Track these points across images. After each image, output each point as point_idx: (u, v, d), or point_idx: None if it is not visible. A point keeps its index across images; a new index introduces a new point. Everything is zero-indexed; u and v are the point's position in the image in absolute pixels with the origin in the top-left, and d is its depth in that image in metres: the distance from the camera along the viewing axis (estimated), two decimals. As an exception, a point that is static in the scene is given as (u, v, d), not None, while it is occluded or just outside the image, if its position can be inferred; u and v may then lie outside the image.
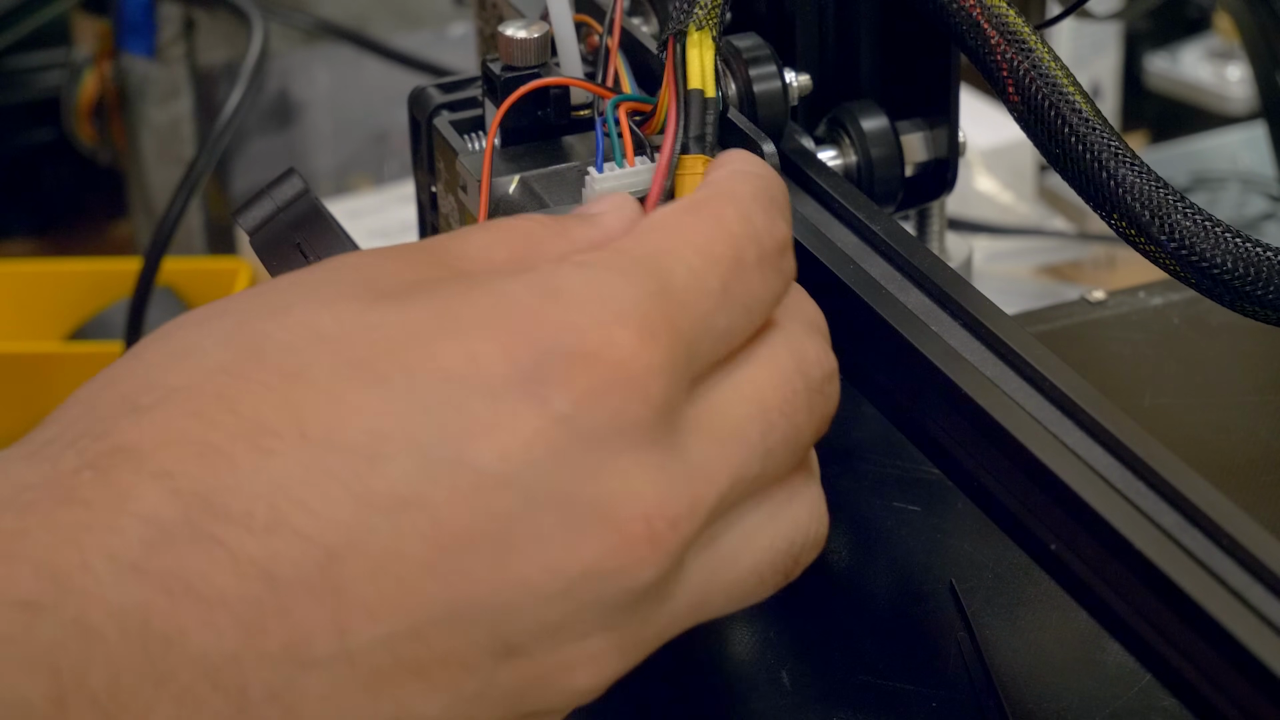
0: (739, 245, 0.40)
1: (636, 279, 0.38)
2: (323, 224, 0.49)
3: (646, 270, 0.38)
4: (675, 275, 0.39)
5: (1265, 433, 0.58)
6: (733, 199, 0.41)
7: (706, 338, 0.39)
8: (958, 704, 0.48)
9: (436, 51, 1.11)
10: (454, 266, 0.40)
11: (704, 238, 0.40)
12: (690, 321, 0.39)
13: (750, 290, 0.40)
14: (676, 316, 0.38)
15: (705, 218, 0.40)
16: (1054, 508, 0.41)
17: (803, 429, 0.41)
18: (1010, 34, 0.48)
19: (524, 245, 0.41)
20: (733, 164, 0.43)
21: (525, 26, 0.51)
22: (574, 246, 0.41)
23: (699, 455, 0.38)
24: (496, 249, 0.40)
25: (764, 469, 0.40)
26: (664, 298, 0.38)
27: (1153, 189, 0.46)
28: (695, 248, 0.39)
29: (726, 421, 0.39)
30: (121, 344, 0.87)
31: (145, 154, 1.11)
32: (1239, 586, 0.38)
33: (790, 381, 0.41)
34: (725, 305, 0.39)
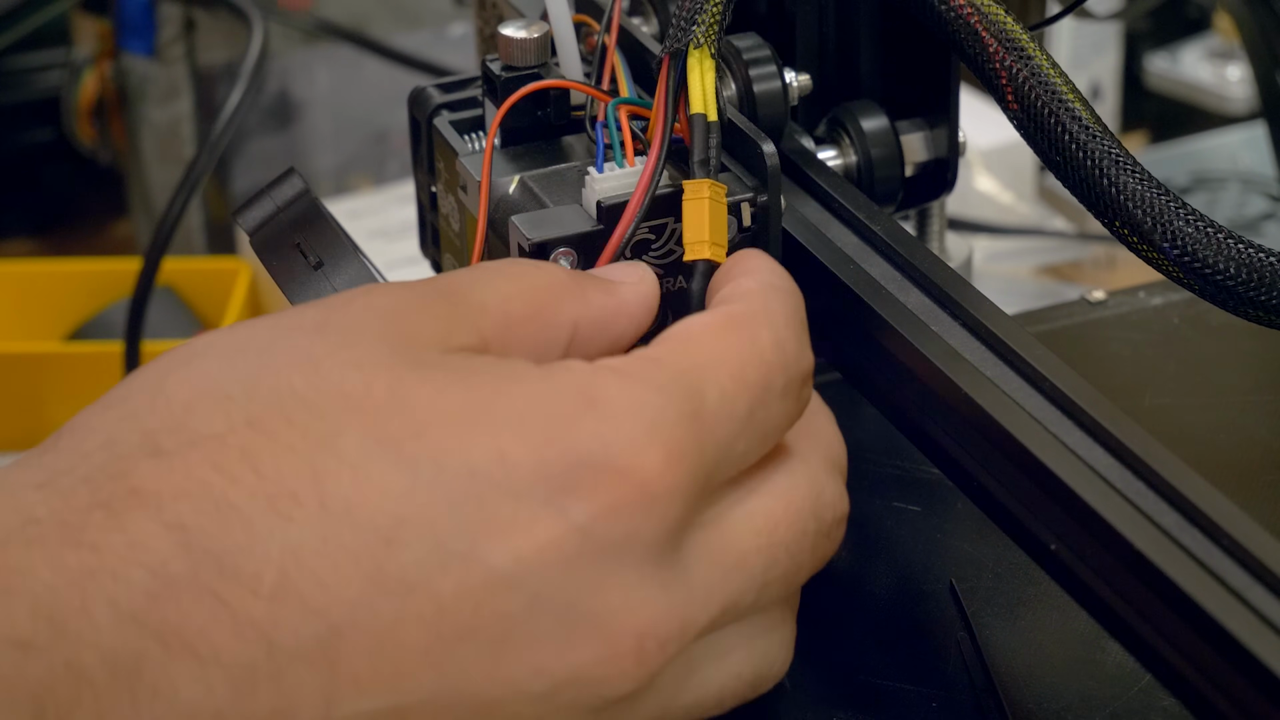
0: (770, 373, 0.40)
1: (673, 398, 0.38)
2: (322, 224, 0.49)
3: (682, 390, 0.39)
4: (708, 397, 0.39)
5: (1265, 433, 0.58)
6: (769, 321, 0.41)
7: (726, 462, 0.40)
8: (958, 704, 0.48)
9: (436, 51, 1.11)
10: (474, 324, 0.40)
11: (739, 361, 0.40)
12: (715, 446, 0.39)
13: (771, 418, 0.40)
14: (704, 440, 0.39)
15: (742, 339, 0.40)
16: (1054, 508, 0.41)
17: (803, 568, 0.41)
18: (1008, 41, 0.48)
19: (542, 302, 0.41)
20: (762, 274, 0.43)
21: (525, 26, 0.51)
22: (589, 313, 0.41)
23: (700, 579, 0.39)
24: (515, 303, 0.40)
25: (757, 600, 0.40)
26: (695, 420, 0.38)
27: (1154, 195, 0.46)
28: (730, 371, 0.40)
29: (733, 549, 0.40)
30: (121, 344, 0.87)
31: (145, 154, 1.11)
32: (1239, 586, 0.38)
33: (803, 520, 0.41)
34: (747, 431, 0.40)
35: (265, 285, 1.00)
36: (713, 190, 0.46)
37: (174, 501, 0.35)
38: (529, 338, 0.41)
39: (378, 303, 0.40)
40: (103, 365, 0.92)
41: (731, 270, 0.44)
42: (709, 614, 0.39)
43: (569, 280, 0.42)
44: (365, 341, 0.38)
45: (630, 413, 0.38)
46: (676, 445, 0.38)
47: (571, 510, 0.37)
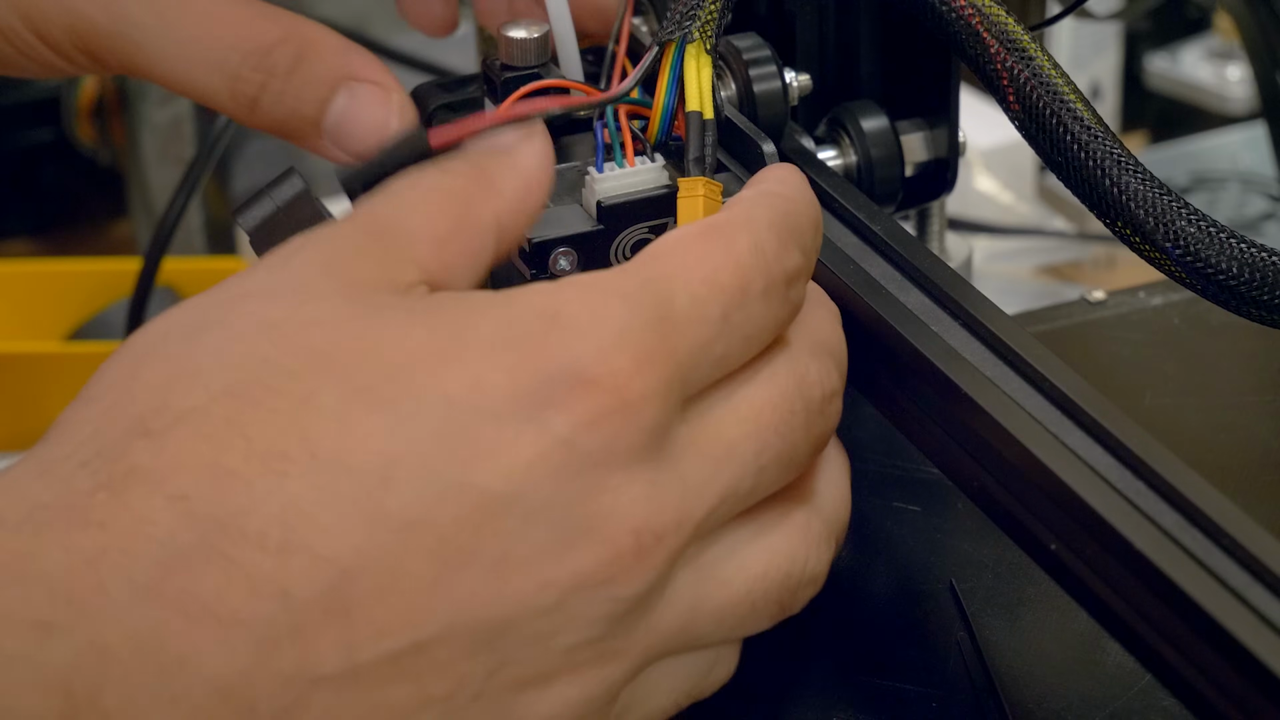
0: (746, 275, 0.41)
1: (637, 305, 0.39)
2: (322, 224, 0.49)
3: (649, 296, 0.39)
4: (676, 302, 0.40)
5: (1265, 433, 0.58)
6: (748, 225, 0.42)
7: (703, 364, 0.40)
8: (958, 704, 0.48)
9: (436, 51, 1.11)
10: (410, 256, 0.40)
11: (711, 266, 0.41)
12: (688, 348, 0.39)
13: (751, 319, 0.41)
14: (675, 343, 0.39)
15: (716, 244, 0.41)
16: (1054, 508, 0.41)
17: (799, 447, 0.42)
18: (1009, 42, 0.48)
19: (461, 211, 0.41)
20: (765, 183, 0.44)
21: (525, 27, 0.51)
22: (505, 204, 0.42)
23: (691, 473, 0.39)
24: (439, 221, 0.41)
25: (756, 485, 0.41)
26: (663, 324, 0.39)
27: (1156, 195, 0.46)
28: (701, 276, 0.40)
29: (721, 440, 0.40)
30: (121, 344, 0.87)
31: (145, 154, 1.11)
32: (1239, 586, 0.38)
33: (789, 401, 0.41)
34: (724, 333, 0.40)
35: (265, 285, 0.99)
36: (707, 188, 0.46)
37: (172, 474, 0.36)
38: (463, 248, 0.41)
39: (315, 256, 0.40)
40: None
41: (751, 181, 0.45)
42: (705, 504, 0.40)
43: (476, 175, 0.42)
44: (318, 297, 0.39)
45: (595, 323, 0.38)
46: (644, 349, 0.38)
47: (552, 424, 0.37)
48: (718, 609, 0.41)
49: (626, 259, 0.48)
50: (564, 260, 0.47)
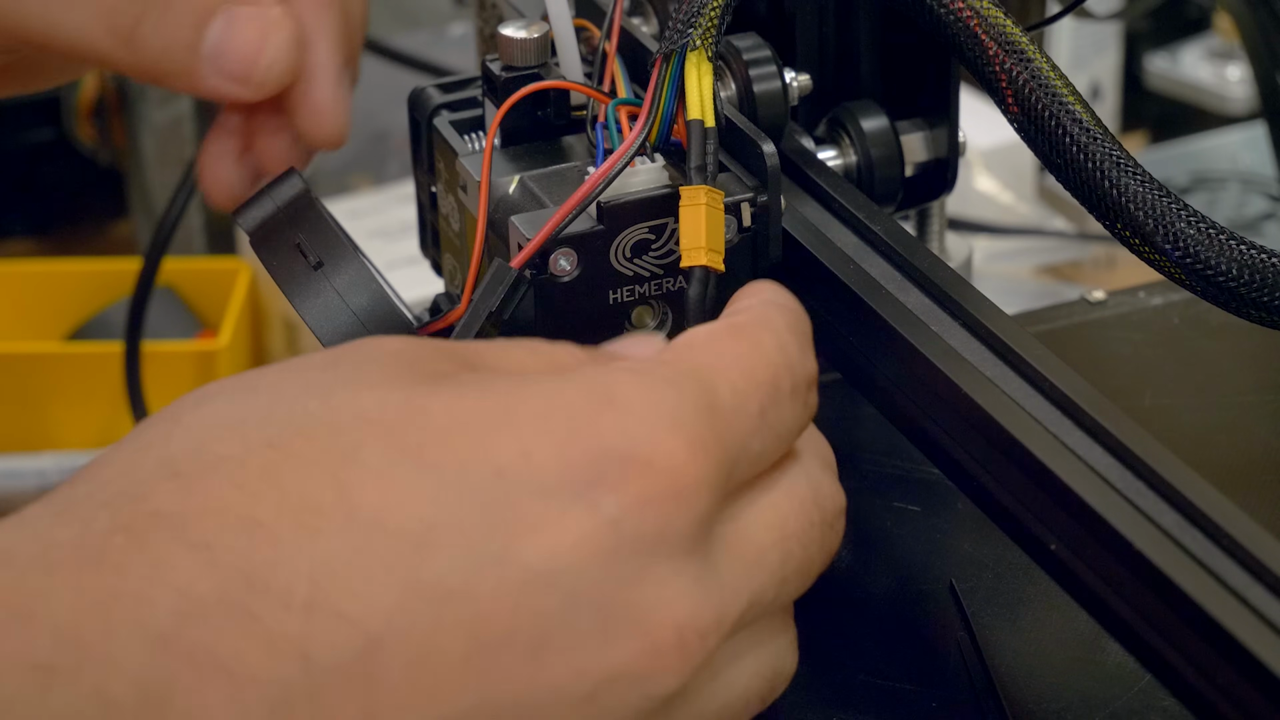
0: (777, 373, 0.40)
1: (687, 391, 0.38)
2: (322, 224, 0.49)
3: (696, 384, 0.39)
4: (721, 393, 0.39)
5: (1265, 433, 0.58)
6: (770, 327, 0.41)
7: (744, 458, 0.39)
8: (958, 704, 0.48)
9: (436, 51, 1.11)
10: (482, 365, 0.40)
11: (746, 361, 0.40)
12: (733, 440, 0.39)
13: (783, 418, 0.40)
14: (723, 433, 0.38)
15: (745, 342, 0.41)
16: (1054, 508, 0.41)
17: (814, 561, 0.41)
18: (1008, 44, 0.48)
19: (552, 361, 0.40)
20: (763, 294, 0.43)
21: (525, 27, 0.51)
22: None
23: (728, 572, 0.39)
24: (527, 360, 0.40)
25: (778, 595, 0.40)
26: (712, 413, 0.38)
27: (1156, 197, 0.46)
28: (739, 370, 0.40)
29: (753, 544, 0.40)
30: (121, 344, 0.87)
31: (145, 154, 1.11)
32: (1239, 586, 0.38)
33: (808, 513, 0.41)
34: (761, 429, 0.40)
35: (265, 285, 1.00)
36: (709, 196, 0.46)
37: (197, 521, 0.35)
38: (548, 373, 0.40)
39: (387, 345, 0.39)
40: (103, 365, 0.92)
41: (737, 296, 0.44)
42: (739, 608, 0.39)
43: (583, 357, 0.41)
44: (376, 370, 0.38)
45: (650, 406, 0.38)
46: (698, 436, 0.38)
47: (602, 504, 0.36)
48: (719, 709, 0.40)
49: (627, 259, 0.48)
50: (564, 260, 0.47)
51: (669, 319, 0.49)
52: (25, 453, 0.93)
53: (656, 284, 0.49)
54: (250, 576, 0.34)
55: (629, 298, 0.49)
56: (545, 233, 0.46)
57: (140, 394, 0.86)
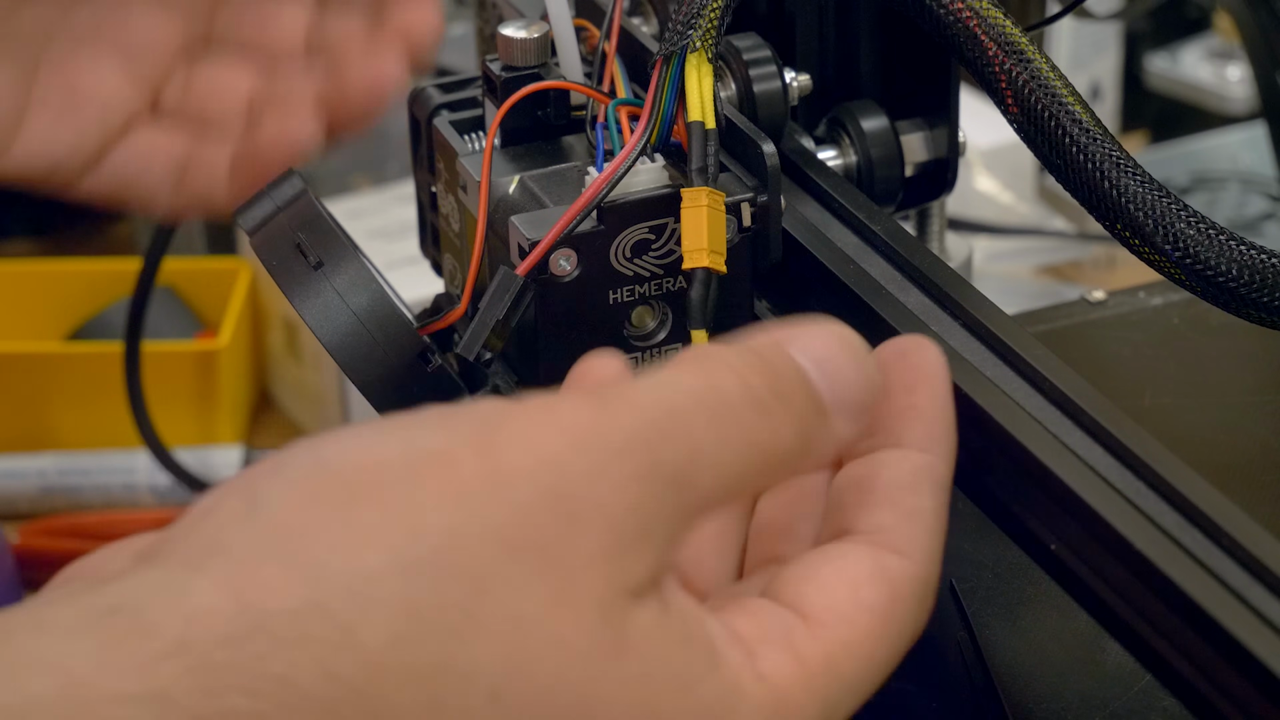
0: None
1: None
2: (322, 224, 0.49)
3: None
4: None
5: (1265, 433, 0.58)
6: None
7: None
8: (958, 704, 0.48)
9: (436, 51, 1.11)
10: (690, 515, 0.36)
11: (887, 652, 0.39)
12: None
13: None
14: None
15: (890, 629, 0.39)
16: (1054, 508, 0.41)
17: None
18: (1008, 45, 0.48)
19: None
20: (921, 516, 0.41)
21: (525, 27, 0.51)
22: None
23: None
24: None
25: None
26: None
27: (1155, 197, 0.46)
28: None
29: None
30: (121, 344, 0.87)
31: (145, 154, 1.10)
32: (1239, 586, 0.38)
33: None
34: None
35: (265, 285, 1.00)
36: (711, 198, 0.46)
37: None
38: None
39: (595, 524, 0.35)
40: (103, 365, 0.92)
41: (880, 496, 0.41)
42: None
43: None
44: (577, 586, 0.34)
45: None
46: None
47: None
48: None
49: (627, 259, 0.48)
50: (564, 260, 0.47)
51: (669, 319, 0.49)
52: (25, 453, 0.93)
53: (656, 284, 0.49)
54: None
55: (629, 298, 0.49)
56: (551, 238, 0.46)
57: (140, 394, 0.86)
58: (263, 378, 1.01)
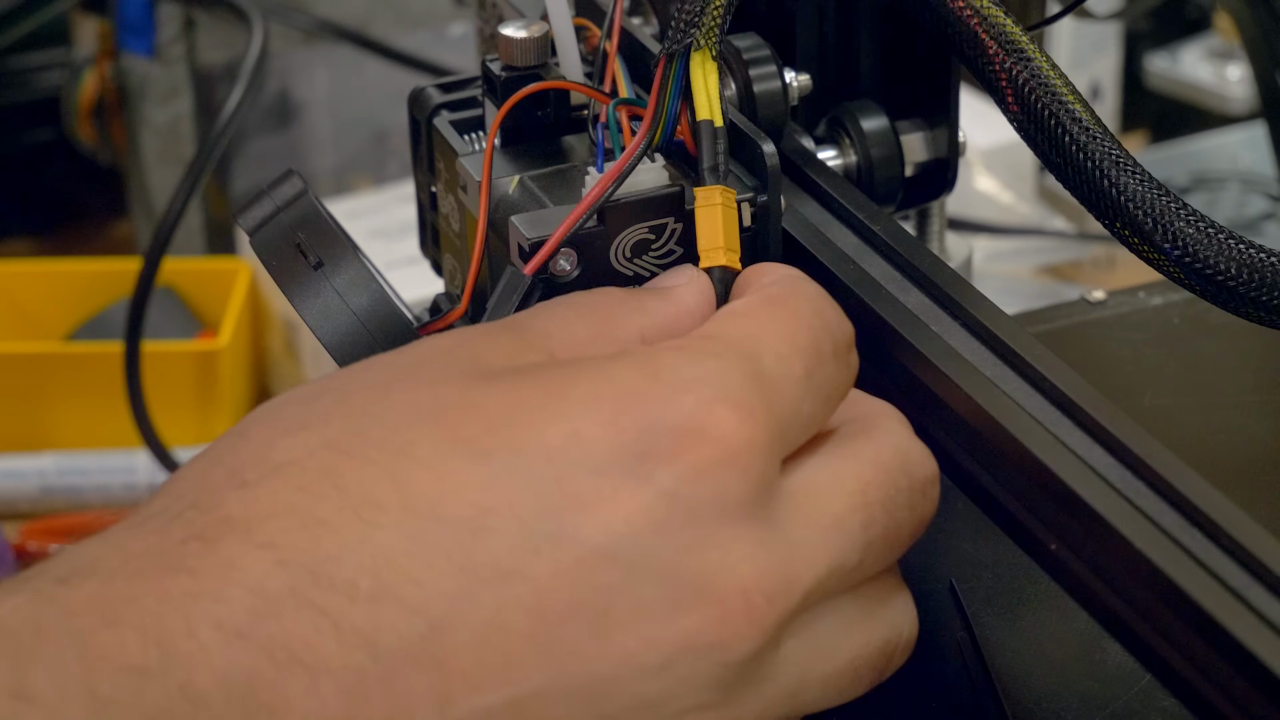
0: (817, 336, 0.42)
1: (732, 362, 0.39)
2: (322, 224, 0.49)
3: (740, 354, 0.40)
4: (765, 361, 0.40)
5: (1265, 433, 0.58)
6: (804, 295, 0.43)
7: (796, 421, 0.40)
8: (958, 704, 0.48)
9: (436, 51, 1.11)
10: (541, 346, 0.41)
11: (787, 327, 0.41)
12: (782, 404, 0.40)
13: (828, 379, 0.42)
14: (771, 398, 0.39)
15: (784, 310, 0.42)
16: (1054, 508, 0.41)
17: (904, 526, 0.42)
18: (1008, 43, 0.48)
19: (603, 320, 0.42)
20: (780, 269, 0.45)
21: (525, 26, 0.51)
22: (651, 321, 0.42)
23: (798, 536, 0.39)
24: (577, 325, 0.42)
25: (863, 561, 0.41)
26: (758, 380, 0.39)
27: (1155, 196, 0.46)
28: (780, 336, 0.41)
29: (828, 510, 0.40)
30: (121, 344, 0.87)
31: (145, 154, 1.11)
32: (1239, 586, 0.38)
33: (894, 479, 0.42)
34: (809, 391, 0.41)
35: (265, 285, 1.00)
36: (724, 196, 0.46)
37: (263, 523, 0.36)
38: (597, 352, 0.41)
39: (443, 340, 0.41)
40: (103, 365, 0.92)
41: (750, 275, 0.45)
42: (814, 571, 0.39)
43: (625, 295, 0.43)
44: (434, 366, 0.40)
45: (696, 378, 0.39)
46: (745, 402, 0.38)
47: (655, 475, 0.37)
48: (823, 678, 0.40)
49: (627, 259, 0.48)
50: (564, 260, 0.47)
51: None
52: (25, 453, 0.93)
53: (656, 284, 0.49)
54: (316, 572, 0.36)
55: (629, 298, 0.48)
56: (558, 237, 0.46)
57: (140, 394, 0.86)
58: (263, 378, 1.01)
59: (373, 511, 0.36)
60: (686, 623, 0.37)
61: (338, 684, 0.35)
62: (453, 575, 0.36)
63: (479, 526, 0.36)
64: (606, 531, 0.37)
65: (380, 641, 0.35)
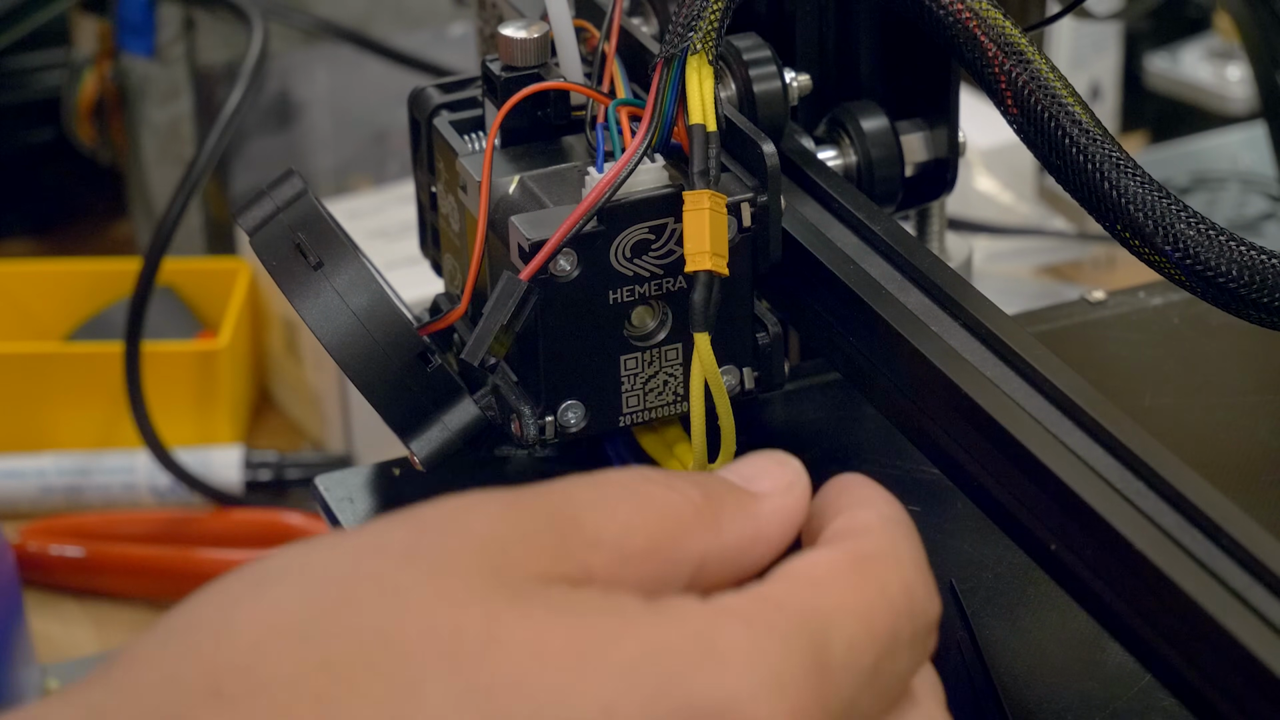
0: (898, 622, 0.37)
1: (797, 649, 0.35)
2: (322, 224, 0.49)
3: (808, 639, 0.36)
4: (834, 647, 0.36)
5: (1265, 433, 0.58)
6: (898, 563, 0.38)
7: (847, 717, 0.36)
8: (958, 704, 0.48)
9: (436, 51, 1.11)
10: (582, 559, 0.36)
11: (867, 606, 0.37)
12: (839, 703, 0.36)
13: (897, 670, 0.38)
14: (828, 696, 0.36)
15: (870, 581, 0.37)
16: (1054, 508, 0.41)
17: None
18: (1007, 46, 0.48)
19: (667, 535, 0.37)
20: (879, 506, 0.40)
21: (525, 27, 0.51)
22: (721, 545, 0.38)
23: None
24: (635, 536, 0.37)
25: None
26: (820, 675, 0.35)
27: (1155, 198, 0.46)
28: (857, 617, 0.37)
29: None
30: (121, 344, 0.87)
31: (145, 154, 1.11)
32: (1239, 586, 0.38)
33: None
34: (872, 686, 0.37)
35: (265, 285, 1.00)
36: (713, 201, 0.46)
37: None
38: (645, 574, 0.37)
39: (476, 528, 0.36)
40: (103, 365, 0.92)
41: (842, 498, 0.40)
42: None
43: (701, 506, 0.38)
44: (458, 572, 0.35)
45: (753, 663, 0.35)
46: (800, 702, 0.35)
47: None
48: None
49: (627, 259, 0.48)
50: (564, 260, 0.47)
51: (669, 319, 0.49)
52: (25, 453, 0.93)
53: (656, 284, 0.49)
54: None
55: (629, 298, 0.49)
56: (558, 238, 0.46)
57: (140, 394, 0.86)
58: (262, 378, 1.01)
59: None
60: None
61: None
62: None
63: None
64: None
65: None
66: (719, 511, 0.38)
